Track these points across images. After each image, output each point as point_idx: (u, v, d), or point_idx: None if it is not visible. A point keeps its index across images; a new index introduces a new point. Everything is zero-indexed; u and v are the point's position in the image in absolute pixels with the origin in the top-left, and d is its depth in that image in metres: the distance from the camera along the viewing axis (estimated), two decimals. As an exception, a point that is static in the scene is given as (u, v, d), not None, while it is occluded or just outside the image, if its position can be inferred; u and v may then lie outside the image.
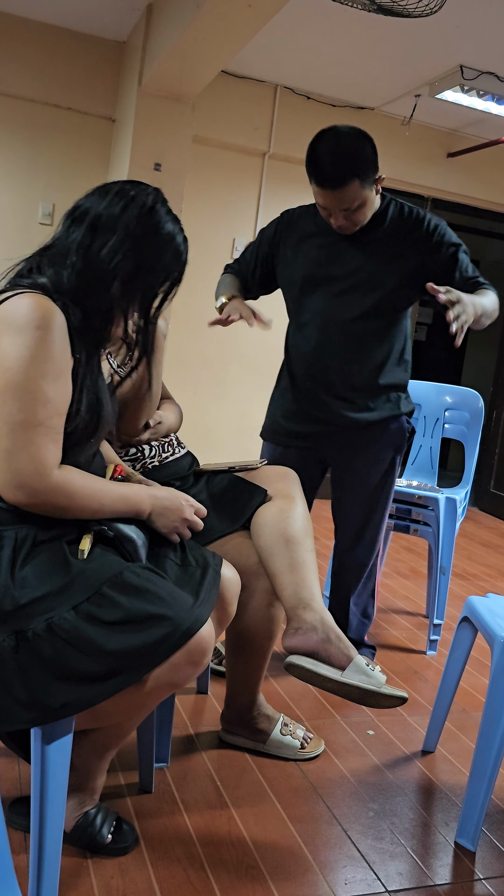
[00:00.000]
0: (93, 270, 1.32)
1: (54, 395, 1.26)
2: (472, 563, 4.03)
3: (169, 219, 1.39)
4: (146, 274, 1.37)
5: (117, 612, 1.23)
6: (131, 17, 4.00)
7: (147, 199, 1.37)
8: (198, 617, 1.27)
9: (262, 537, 1.71)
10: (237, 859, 1.49)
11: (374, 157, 2.05)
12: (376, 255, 2.17)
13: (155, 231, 1.36)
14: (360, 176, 2.01)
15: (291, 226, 2.30)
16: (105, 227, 1.33)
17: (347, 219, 2.10)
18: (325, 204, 2.08)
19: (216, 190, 4.64)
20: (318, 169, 2.02)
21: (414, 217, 2.20)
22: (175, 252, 1.41)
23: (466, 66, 3.94)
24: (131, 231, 1.33)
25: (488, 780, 1.59)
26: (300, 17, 3.60)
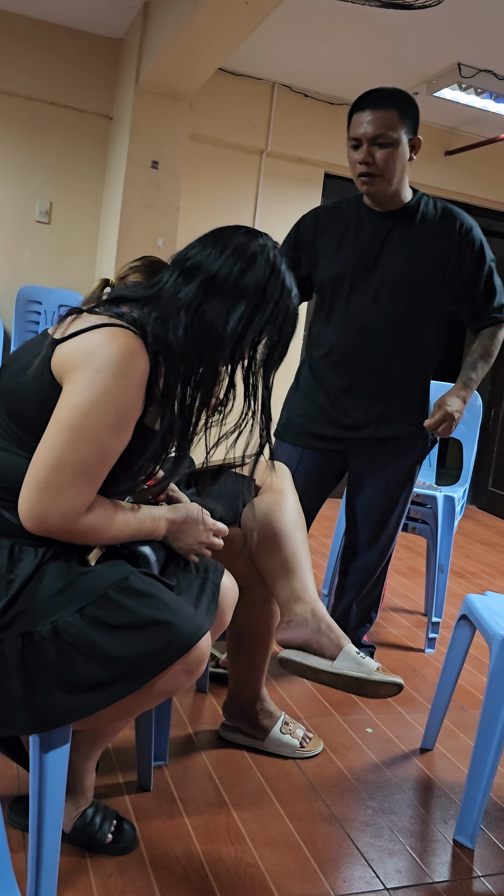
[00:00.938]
0: (205, 333, 1.27)
1: (113, 444, 1.21)
2: (470, 562, 4.03)
3: (290, 281, 1.32)
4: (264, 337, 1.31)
5: (122, 616, 1.22)
6: (128, 14, 3.99)
7: (268, 259, 1.30)
8: (199, 627, 1.26)
9: (253, 531, 1.70)
10: (236, 858, 1.49)
11: (416, 112, 2.06)
12: (414, 252, 2.12)
13: (279, 298, 1.30)
14: (400, 109, 2.01)
15: (321, 227, 2.22)
16: (221, 289, 1.27)
17: (373, 156, 2.02)
18: (356, 132, 2.02)
19: (214, 188, 4.64)
20: (363, 97, 2.03)
21: (444, 210, 2.17)
22: (293, 318, 1.34)
23: (464, 64, 3.94)
24: (252, 298, 1.28)
25: (487, 777, 1.59)
26: (297, 14, 3.60)
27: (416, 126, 2.06)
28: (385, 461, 2.23)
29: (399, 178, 2.08)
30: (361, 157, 2.03)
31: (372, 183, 2.06)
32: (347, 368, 2.18)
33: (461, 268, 2.15)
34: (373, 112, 2.00)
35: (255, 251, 1.30)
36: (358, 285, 2.15)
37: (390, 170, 2.04)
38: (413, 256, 2.12)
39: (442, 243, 2.13)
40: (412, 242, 2.13)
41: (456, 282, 2.16)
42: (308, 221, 2.26)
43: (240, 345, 1.28)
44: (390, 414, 2.18)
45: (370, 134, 2.00)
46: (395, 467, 2.23)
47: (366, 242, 2.15)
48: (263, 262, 1.30)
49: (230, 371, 1.31)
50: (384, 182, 2.06)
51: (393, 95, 2.03)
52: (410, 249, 2.12)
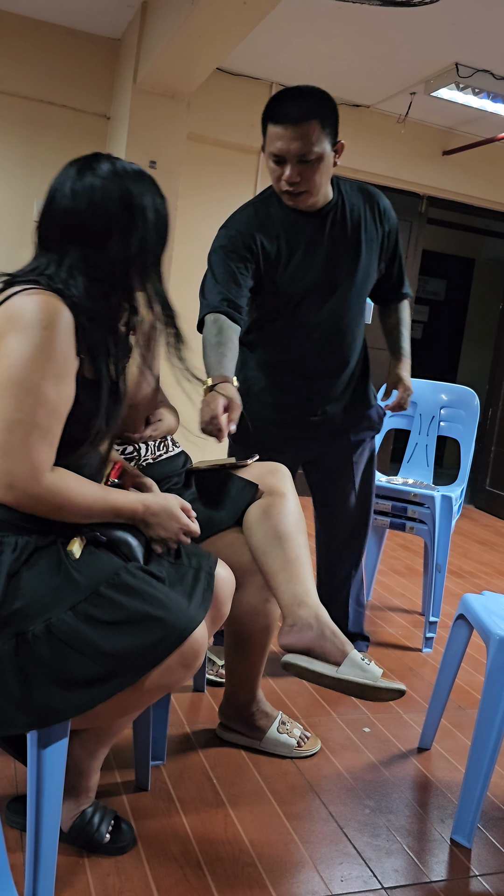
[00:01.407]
0: (102, 274, 1.30)
1: (55, 396, 1.23)
2: (467, 561, 4.04)
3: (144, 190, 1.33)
4: (149, 254, 1.34)
5: (115, 613, 1.23)
6: (126, 14, 3.99)
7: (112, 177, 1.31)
8: (192, 618, 1.27)
9: (255, 534, 1.70)
10: (233, 857, 1.49)
11: (336, 113, 1.95)
12: (356, 250, 2.12)
13: (141, 206, 1.32)
14: (322, 118, 1.89)
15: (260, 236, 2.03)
16: (91, 232, 1.29)
17: (301, 175, 1.92)
18: (279, 148, 1.89)
19: (211, 187, 4.64)
20: (276, 104, 1.89)
21: (366, 196, 2.16)
22: (163, 222, 1.36)
23: (462, 64, 3.94)
24: (121, 225, 1.30)
25: (484, 776, 1.60)
26: (295, 14, 3.60)
27: (336, 128, 1.96)
28: (346, 448, 2.31)
29: (326, 186, 2.03)
30: (287, 176, 1.93)
31: (299, 200, 1.99)
32: (316, 368, 2.21)
33: (385, 247, 2.21)
34: (294, 128, 1.87)
35: (97, 181, 1.30)
36: (315, 289, 2.12)
37: (317, 184, 1.96)
38: (358, 250, 2.13)
39: (373, 229, 2.16)
40: (351, 241, 2.12)
41: (382, 261, 2.23)
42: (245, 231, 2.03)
43: (137, 267, 1.31)
44: (355, 400, 2.27)
45: (294, 152, 1.90)
46: (358, 447, 2.32)
47: (309, 254, 2.08)
48: (109, 184, 1.30)
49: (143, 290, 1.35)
50: (311, 196, 1.99)
51: (313, 102, 1.90)
52: (352, 249, 2.13)
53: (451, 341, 7.46)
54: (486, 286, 7.28)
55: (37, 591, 1.23)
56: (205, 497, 1.80)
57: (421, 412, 3.07)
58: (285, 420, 2.23)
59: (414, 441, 3.08)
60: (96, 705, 1.22)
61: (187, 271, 4.66)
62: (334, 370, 2.22)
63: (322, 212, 2.07)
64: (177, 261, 4.50)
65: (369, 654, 2.57)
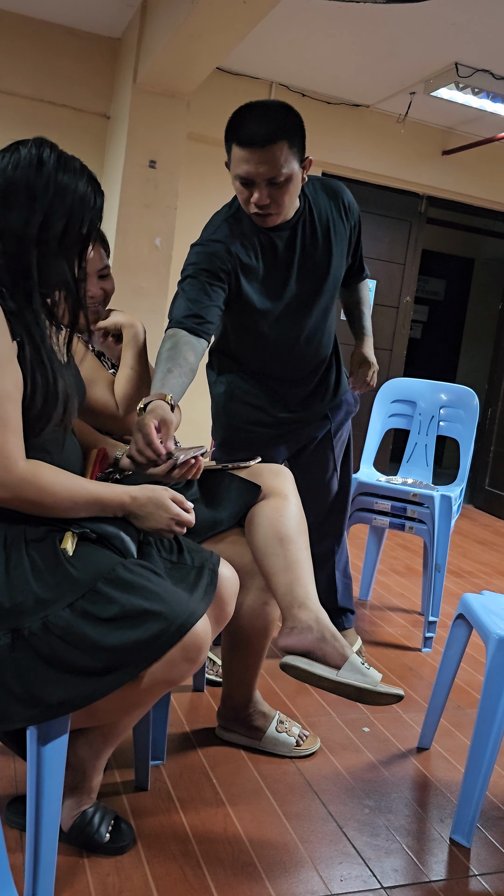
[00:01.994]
0: (9, 247, 1.27)
1: (2, 384, 1.22)
2: (467, 561, 4.04)
3: (61, 166, 1.32)
4: (59, 230, 1.30)
5: (112, 609, 1.23)
6: (126, 13, 3.99)
7: (31, 154, 1.30)
8: (192, 612, 1.27)
9: (256, 535, 1.70)
10: (233, 856, 1.49)
11: (302, 129, 1.89)
12: (328, 248, 2.10)
13: (53, 185, 1.30)
14: (289, 138, 1.83)
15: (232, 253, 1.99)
16: (6, 203, 1.27)
17: (271, 197, 1.87)
18: (247, 172, 1.85)
19: (211, 187, 4.63)
20: (242, 126, 1.84)
21: (331, 189, 2.15)
22: (79, 198, 1.32)
23: (461, 64, 3.94)
24: (30, 194, 1.27)
25: (483, 776, 1.60)
26: (295, 13, 3.60)
27: (303, 143, 1.91)
28: (325, 434, 2.34)
29: (294, 202, 1.98)
30: (256, 199, 1.88)
31: (269, 220, 1.95)
32: (297, 370, 2.23)
33: (352, 240, 2.22)
34: (262, 152, 1.81)
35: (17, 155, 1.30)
36: (292, 301, 2.10)
37: (288, 204, 1.93)
38: (330, 255, 2.12)
39: (342, 228, 2.16)
40: (324, 243, 2.10)
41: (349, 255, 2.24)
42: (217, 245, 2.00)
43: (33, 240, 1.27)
44: (324, 396, 2.30)
45: (263, 176, 1.85)
46: (335, 437, 2.36)
47: (285, 261, 2.05)
48: (27, 159, 1.29)
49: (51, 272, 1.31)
50: (279, 216, 1.95)
51: (277, 123, 1.84)
52: (326, 249, 2.10)
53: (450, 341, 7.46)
54: (485, 286, 7.29)
55: (32, 588, 1.23)
56: (206, 497, 1.80)
57: (420, 412, 3.07)
58: (269, 420, 2.25)
59: (413, 441, 3.08)
60: (97, 699, 1.22)
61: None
62: (312, 370, 2.25)
63: (291, 223, 2.03)
64: (175, 261, 4.50)
65: (368, 654, 2.57)
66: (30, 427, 1.28)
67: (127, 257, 4.00)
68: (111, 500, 1.35)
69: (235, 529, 1.77)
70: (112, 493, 1.36)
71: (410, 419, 3.09)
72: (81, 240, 1.34)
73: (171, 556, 1.45)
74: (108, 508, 1.36)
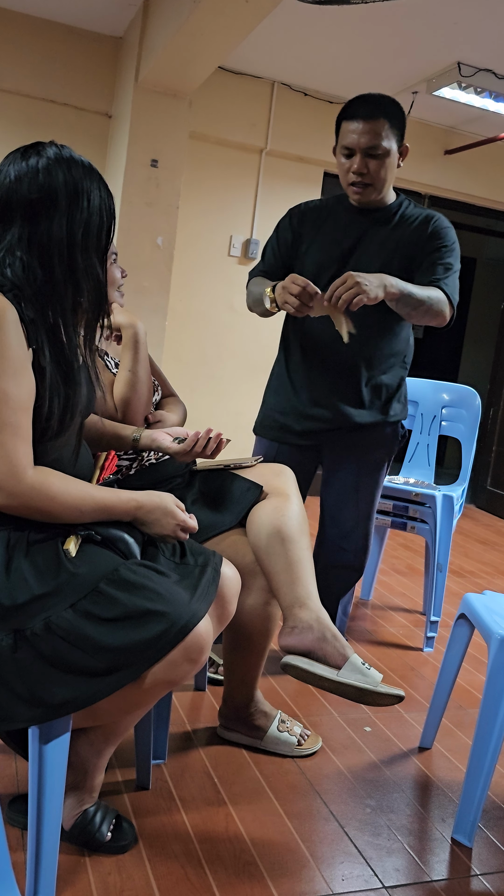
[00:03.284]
0: (35, 256, 1.28)
1: (16, 392, 1.22)
2: (468, 561, 4.04)
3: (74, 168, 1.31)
4: (81, 233, 1.30)
5: (115, 609, 1.23)
6: (128, 12, 3.99)
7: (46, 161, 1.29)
8: (194, 613, 1.27)
9: (258, 535, 1.70)
10: (234, 856, 1.49)
11: (404, 119, 2.12)
12: (385, 248, 2.17)
13: (71, 188, 1.29)
14: (391, 118, 2.06)
15: (305, 219, 2.27)
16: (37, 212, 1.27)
17: (368, 167, 2.08)
18: (349, 142, 2.07)
19: (213, 187, 4.64)
20: (351, 105, 2.09)
21: (424, 217, 2.20)
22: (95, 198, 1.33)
23: (464, 63, 3.94)
24: (51, 201, 1.27)
25: (485, 776, 1.60)
26: (297, 12, 3.59)
27: (403, 133, 2.12)
28: (355, 455, 2.28)
29: (389, 186, 2.18)
30: (356, 167, 2.09)
31: (364, 192, 2.14)
32: (319, 363, 2.23)
33: (425, 256, 2.17)
34: (364, 122, 2.05)
35: (42, 161, 1.29)
36: (330, 278, 2.14)
37: (382, 179, 2.12)
38: (384, 251, 2.17)
39: (413, 241, 2.18)
40: (386, 238, 2.18)
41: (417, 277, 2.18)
42: (295, 213, 2.30)
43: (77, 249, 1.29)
44: (368, 404, 2.24)
45: (363, 145, 2.06)
46: (365, 458, 2.29)
47: (342, 236, 2.20)
48: (54, 164, 1.29)
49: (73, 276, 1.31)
50: (375, 191, 2.14)
51: (383, 104, 2.08)
52: (382, 246, 2.17)
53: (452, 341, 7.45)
54: (487, 286, 7.28)
55: (34, 588, 1.23)
56: (208, 497, 1.80)
57: (422, 412, 3.07)
58: (292, 409, 2.26)
59: (415, 440, 3.08)
60: (99, 700, 1.22)
61: (188, 269, 4.66)
62: (349, 370, 2.21)
63: (369, 209, 2.21)
64: (178, 258, 4.50)
65: (370, 654, 2.57)
66: (45, 433, 1.28)
67: (128, 256, 4.00)
68: (118, 508, 1.36)
69: (237, 529, 1.76)
70: (119, 501, 1.36)
71: (412, 419, 3.09)
72: (103, 240, 1.34)
73: (173, 555, 1.45)
74: (115, 515, 1.37)
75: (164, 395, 2.06)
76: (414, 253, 2.18)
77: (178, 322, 4.56)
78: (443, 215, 2.25)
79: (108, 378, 1.85)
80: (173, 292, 4.44)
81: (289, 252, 2.28)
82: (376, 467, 2.31)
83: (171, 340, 4.54)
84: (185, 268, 4.63)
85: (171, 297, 4.39)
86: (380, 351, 2.22)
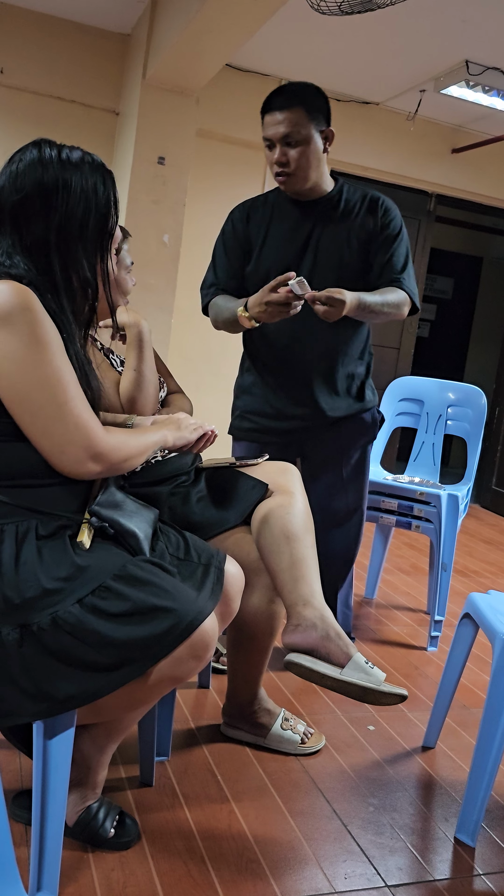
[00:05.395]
0: (39, 257, 1.30)
1: (67, 365, 1.27)
2: (473, 560, 4.03)
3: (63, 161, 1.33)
4: (77, 226, 1.32)
5: (122, 605, 1.23)
6: (136, 9, 3.99)
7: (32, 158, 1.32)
8: (201, 610, 1.27)
9: (263, 533, 1.70)
10: (237, 853, 1.49)
11: (325, 104, 2.12)
12: (339, 238, 2.19)
13: (61, 181, 1.31)
14: (307, 106, 2.07)
15: (251, 219, 2.26)
16: (26, 211, 1.29)
17: (287, 157, 2.08)
18: (268, 133, 2.10)
19: (220, 184, 4.63)
20: (269, 97, 2.11)
21: (370, 200, 2.22)
22: (89, 188, 1.34)
23: (472, 62, 3.93)
24: (43, 200, 1.29)
25: (488, 776, 1.60)
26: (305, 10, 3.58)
27: (327, 118, 2.12)
28: (339, 446, 2.30)
29: (316, 172, 2.15)
30: (275, 158, 2.10)
31: (289, 182, 2.13)
32: (286, 360, 2.24)
33: (379, 248, 2.20)
34: (280, 112, 2.07)
35: (20, 166, 1.32)
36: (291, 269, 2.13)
37: (304, 166, 2.11)
38: (339, 242, 2.18)
39: (366, 228, 2.19)
40: (337, 229, 2.19)
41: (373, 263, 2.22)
42: (238, 216, 2.28)
43: (63, 242, 1.30)
44: (334, 400, 2.26)
45: (280, 134, 2.07)
46: (347, 452, 2.31)
47: (292, 232, 2.20)
48: (28, 167, 1.31)
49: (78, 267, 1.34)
50: (300, 179, 2.13)
51: (298, 93, 2.09)
52: (336, 236, 2.19)
53: (458, 340, 7.43)
54: (493, 285, 7.26)
55: (41, 583, 1.23)
56: (214, 495, 1.80)
57: (428, 411, 3.06)
58: (270, 411, 2.28)
59: (420, 439, 3.08)
60: (104, 695, 1.22)
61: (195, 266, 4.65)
62: (317, 361, 2.23)
63: (313, 201, 2.19)
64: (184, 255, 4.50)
65: (374, 652, 2.57)
66: None
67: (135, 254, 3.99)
68: (157, 437, 1.49)
69: (242, 527, 1.76)
70: (158, 434, 1.50)
71: (418, 418, 3.09)
72: (103, 230, 1.35)
73: (177, 552, 1.45)
74: (158, 443, 1.49)
75: (170, 392, 2.06)
76: (368, 239, 2.20)
77: (183, 319, 4.56)
78: (382, 194, 2.25)
79: (113, 377, 1.85)
80: (179, 290, 4.43)
81: (239, 256, 2.26)
82: (361, 456, 2.35)
83: (176, 337, 4.54)
84: (191, 265, 4.62)
85: (178, 295, 4.39)
86: (348, 342, 2.25)
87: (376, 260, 2.21)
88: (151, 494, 1.77)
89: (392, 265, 2.20)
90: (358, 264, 2.20)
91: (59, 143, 1.37)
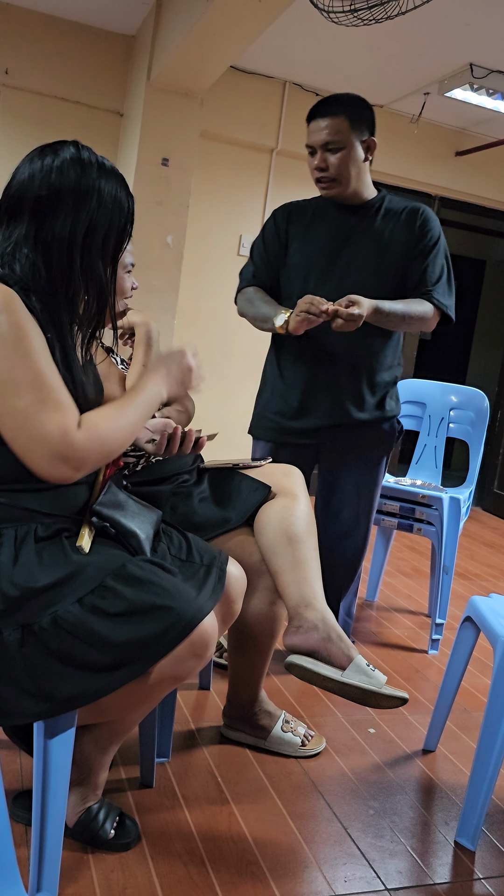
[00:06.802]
0: (54, 255, 1.28)
1: (45, 361, 1.22)
2: (474, 563, 4.03)
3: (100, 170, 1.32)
4: (102, 235, 1.31)
5: (121, 604, 1.23)
6: (141, 10, 3.99)
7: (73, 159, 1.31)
8: (200, 608, 1.27)
9: (265, 535, 1.70)
10: (237, 855, 1.49)
11: (370, 115, 2.17)
12: (376, 242, 2.21)
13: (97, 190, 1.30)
14: (350, 115, 2.12)
15: (292, 218, 2.31)
16: (47, 208, 1.28)
17: (328, 162, 2.13)
18: (310, 140, 2.15)
19: (224, 186, 4.64)
20: (314, 107, 2.17)
21: (409, 210, 2.25)
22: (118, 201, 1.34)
23: (476, 65, 3.93)
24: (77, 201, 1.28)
25: (489, 780, 1.59)
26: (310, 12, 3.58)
27: (371, 128, 2.17)
28: (355, 453, 2.30)
29: (357, 179, 2.20)
30: (316, 163, 2.17)
31: (329, 187, 2.19)
32: (312, 360, 2.24)
33: (415, 259, 2.22)
34: (323, 120, 2.13)
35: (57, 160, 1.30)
36: (322, 274, 2.22)
37: (344, 173, 2.16)
38: (375, 246, 2.20)
39: (404, 238, 2.21)
40: (375, 234, 2.21)
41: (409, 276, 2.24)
42: (281, 214, 2.34)
43: (83, 247, 1.29)
44: (364, 402, 2.26)
45: (321, 141, 2.13)
46: (364, 455, 2.31)
47: (331, 231, 2.24)
48: (67, 164, 1.30)
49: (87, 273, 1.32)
50: (340, 185, 2.18)
51: (343, 102, 2.14)
52: (373, 240, 2.21)
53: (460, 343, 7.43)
54: (496, 288, 7.26)
55: (41, 583, 1.23)
56: (216, 496, 1.80)
57: (430, 413, 3.06)
58: (286, 410, 2.28)
59: (423, 442, 3.08)
60: (105, 695, 1.22)
61: (198, 268, 4.66)
62: (347, 365, 2.23)
63: (354, 206, 2.25)
64: (187, 257, 4.50)
65: (375, 655, 2.56)
66: None
67: (138, 255, 4.00)
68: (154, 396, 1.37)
69: (244, 528, 1.77)
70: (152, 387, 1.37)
71: (420, 420, 3.09)
72: (110, 243, 1.35)
73: (179, 553, 1.46)
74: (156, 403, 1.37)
75: None
76: (406, 250, 2.22)
77: (187, 321, 4.56)
78: (426, 206, 2.28)
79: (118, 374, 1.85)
80: (182, 291, 4.44)
81: (277, 253, 2.31)
82: (376, 464, 2.34)
83: (180, 339, 4.54)
84: (194, 267, 4.63)
85: (181, 296, 4.40)
86: (377, 348, 2.25)
87: (412, 271, 2.23)
88: (153, 493, 1.77)
89: (425, 277, 2.22)
90: (392, 271, 2.22)
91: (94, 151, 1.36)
